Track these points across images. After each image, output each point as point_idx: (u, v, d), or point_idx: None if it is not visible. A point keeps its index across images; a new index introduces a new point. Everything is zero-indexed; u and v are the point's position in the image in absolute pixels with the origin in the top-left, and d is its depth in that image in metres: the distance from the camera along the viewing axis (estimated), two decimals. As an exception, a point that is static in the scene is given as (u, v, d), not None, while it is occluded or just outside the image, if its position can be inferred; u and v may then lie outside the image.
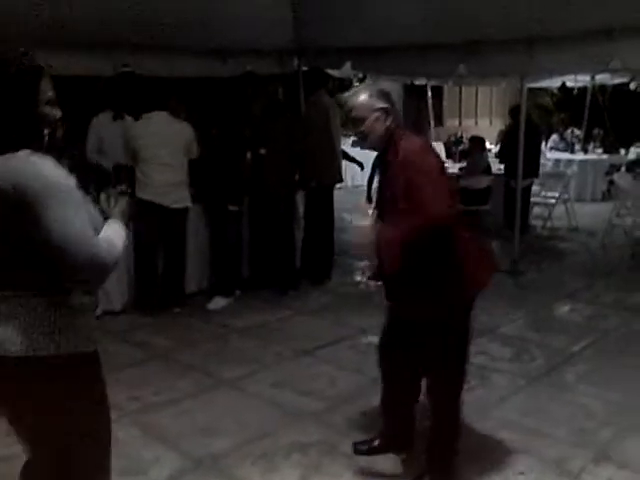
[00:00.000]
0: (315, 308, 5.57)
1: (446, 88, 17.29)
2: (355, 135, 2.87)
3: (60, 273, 1.82)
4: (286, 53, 7.32)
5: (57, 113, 1.92)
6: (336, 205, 9.63)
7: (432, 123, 14.20)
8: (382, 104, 2.76)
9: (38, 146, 1.86)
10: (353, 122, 2.80)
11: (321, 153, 5.93)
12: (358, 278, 6.59)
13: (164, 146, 5.11)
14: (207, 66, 6.45)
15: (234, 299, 5.64)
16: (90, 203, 2.00)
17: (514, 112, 7.91)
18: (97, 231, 1.92)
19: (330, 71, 8.40)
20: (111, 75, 5.81)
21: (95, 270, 1.81)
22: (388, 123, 2.75)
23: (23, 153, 1.79)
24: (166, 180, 5.13)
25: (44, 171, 1.77)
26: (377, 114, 2.74)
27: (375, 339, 4.69)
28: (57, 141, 1.95)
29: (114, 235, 1.94)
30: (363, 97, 2.77)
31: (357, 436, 3.36)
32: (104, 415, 2.06)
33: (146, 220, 5.06)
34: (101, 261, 1.80)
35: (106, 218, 2.04)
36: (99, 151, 5.83)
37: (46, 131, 1.90)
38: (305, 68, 7.54)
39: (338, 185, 6.55)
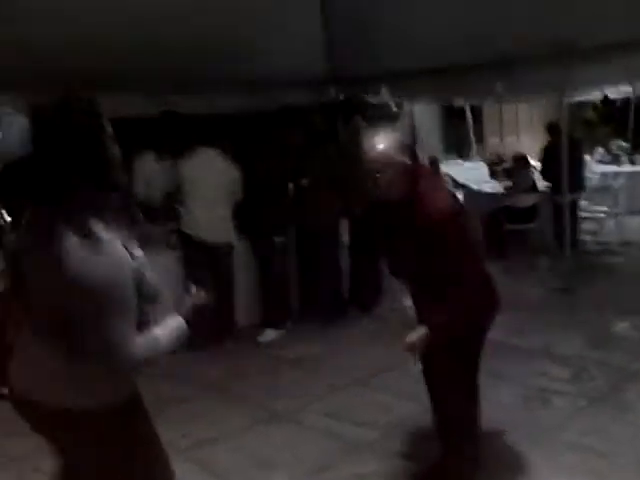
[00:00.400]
0: (365, 336, 5.52)
1: (485, 106, 17.19)
2: (372, 186, 2.79)
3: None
4: (322, 83, 7.39)
5: (118, 153, 1.93)
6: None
7: (473, 142, 14.14)
8: (402, 155, 2.71)
9: (111, 191, 1.90)
10: (370, 169, 2.74)
11: (362, 179, 5.93)
12: (406, 303, 6.53)
13: (210, 183, 5.20)
14: (245, 101, 6.54)
15: (285, 331, 5.64)
16: (143, 266, 2.03)
17: (551, 129, 7.83)
18: (147, 286, 1.99)
19: (368, 98, 8.48)
20: (153, 115, 5.93)
21: (126, 367, 1.90)
22: (407, 177, 2.70)
23: (78, 239, 1.75)
24: (211, 216, 5.21)
25: (97, 277, 1.74)
26: (396, 167, 2.69)
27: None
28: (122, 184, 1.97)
29: (163, 335, 1.98)
30: (382, 148, 2.71)
31: (415, 464, 3.32)
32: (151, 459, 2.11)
33: (192, 254, 5.14)
34: (134, 361, 1.86)
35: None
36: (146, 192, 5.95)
37: (117, 174, 1.90)
38: (342, 97, 7.63)
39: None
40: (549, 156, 7.55)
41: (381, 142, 2.73)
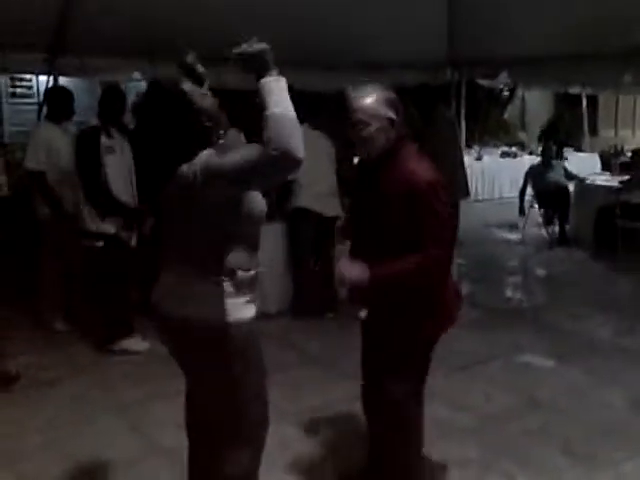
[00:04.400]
0: (465, 323, 5.42)
1: (601, 97, 16.44)
2: (353, 140, 2.62)
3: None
4: (440, 64, 7.31)
5: (211, 104, 2.18)
6: (485, 218, 9.47)
7: (586, 133, 13.61)
8: (389, 113, 2.54)
9: (215, 139, 2.18)
10: (352, 125, 2.57)
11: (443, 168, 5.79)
12: (510, 293, 6.44)
13: (318, 157, 5.28)
14: (362, 80, 6.57)
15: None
16: None
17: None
18: None
19: (480, 81, 8.32)
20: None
21: (283, 159, 1.94)
22: (391, 135, 2.56)
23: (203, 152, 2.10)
24: (321, 189, 5.31)
25: (207, 156, 2.09)
26: (382, 123, 2.53)
27: (529, 358, 4.63)
28: (224, 125, 2.22)
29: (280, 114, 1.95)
30: (370, 101, 2.54)
31: (514, 456, 3.30)
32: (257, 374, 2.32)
33: (304, 227, 5.24)
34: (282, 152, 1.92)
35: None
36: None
37: (210, 124, 2.16)
38: (457, 79, 7.55)
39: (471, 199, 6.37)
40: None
41: (367, 96, 2.55)
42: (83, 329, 5.00)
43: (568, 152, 12.27)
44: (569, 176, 8.66)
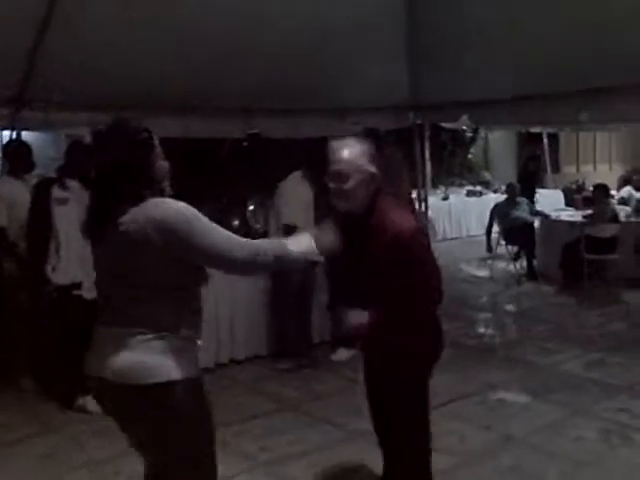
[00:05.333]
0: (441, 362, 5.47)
1: (562, 134, 16.89)
2: (333, 191, 2.58)
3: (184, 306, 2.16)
4: (402, 109, 7.47)
5: (166, 165, 2.25)
6: (453, 256, 9.59)
7: (549, 170, 13.93)
8: (369, 167, 2.54)
9: (160, 193, 2.18)
10: (334, 176, 2.55)
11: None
12: (481, 330, 6.48)
13: (303, 204, 5.34)
14: (327, 125, 6.67)
15: (357, 351, 5.66)
16: None
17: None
18: None
19: (443, 124, 8.52)
20: (238, 138, 6.18)
21: (247, 265, 2.19)
22: (371, 188, 2.55)
23: (154, 200, 2.10)
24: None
25: (181, 208, 2.08)
26: (363, 176, 2.52)
27: (503, 394, 4.65)
28: (169, 189, 2.26)
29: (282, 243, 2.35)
30: (352, 153, 2.53)
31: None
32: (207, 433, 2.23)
33: (293, 274, 5.25)
34: (244, 259, 2.14)
35: None
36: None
37: (163, 182, 2.23)
38: (419, 122, 7.71)
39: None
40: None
41: (349, 149, 2.55)
42: (50, 386, 4.89)
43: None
44: (534, 212, 8.85)
